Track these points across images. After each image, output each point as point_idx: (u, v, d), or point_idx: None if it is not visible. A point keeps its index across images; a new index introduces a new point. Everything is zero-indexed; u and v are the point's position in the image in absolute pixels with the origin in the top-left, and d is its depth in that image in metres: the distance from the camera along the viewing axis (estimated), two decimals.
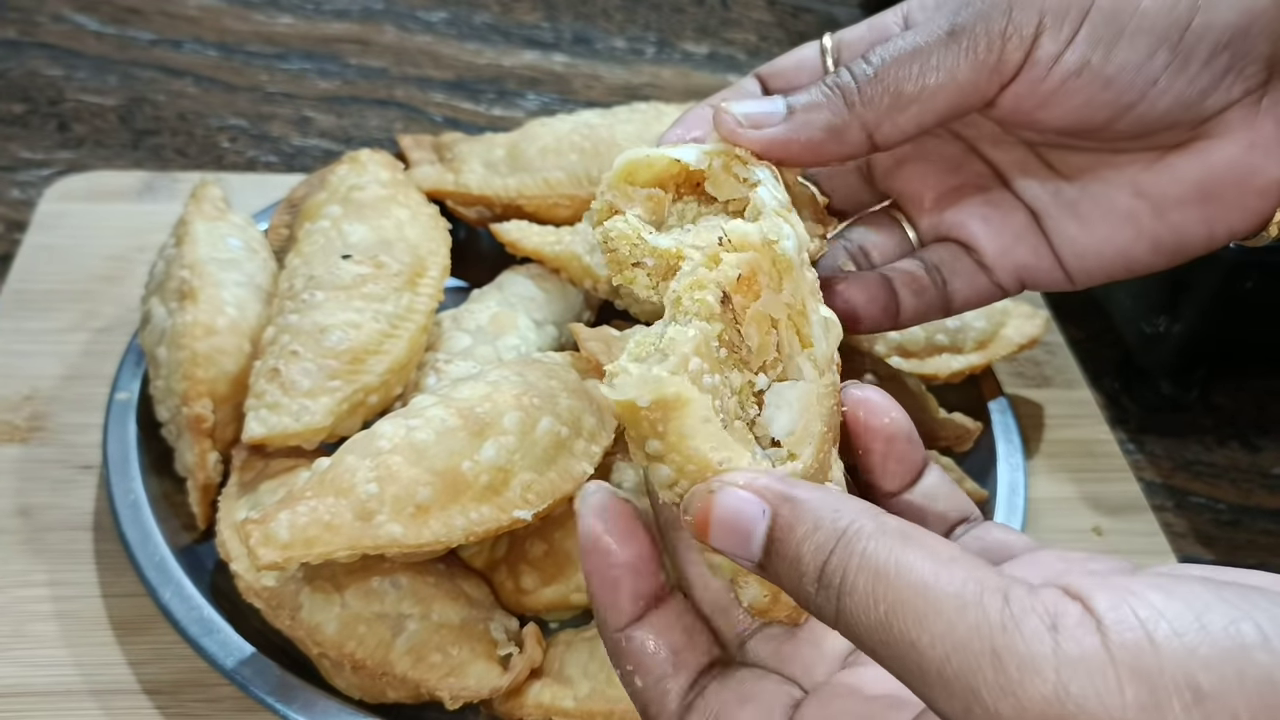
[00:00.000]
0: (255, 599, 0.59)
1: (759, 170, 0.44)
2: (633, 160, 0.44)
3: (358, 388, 0.64)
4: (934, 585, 0.30)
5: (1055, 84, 0.45)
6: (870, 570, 0.31)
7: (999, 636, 0.28)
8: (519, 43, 1.19)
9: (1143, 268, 0.51)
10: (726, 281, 0.39)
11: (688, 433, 0.36)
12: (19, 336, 0.81)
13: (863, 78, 0.46)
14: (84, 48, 1.11)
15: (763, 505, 0.34)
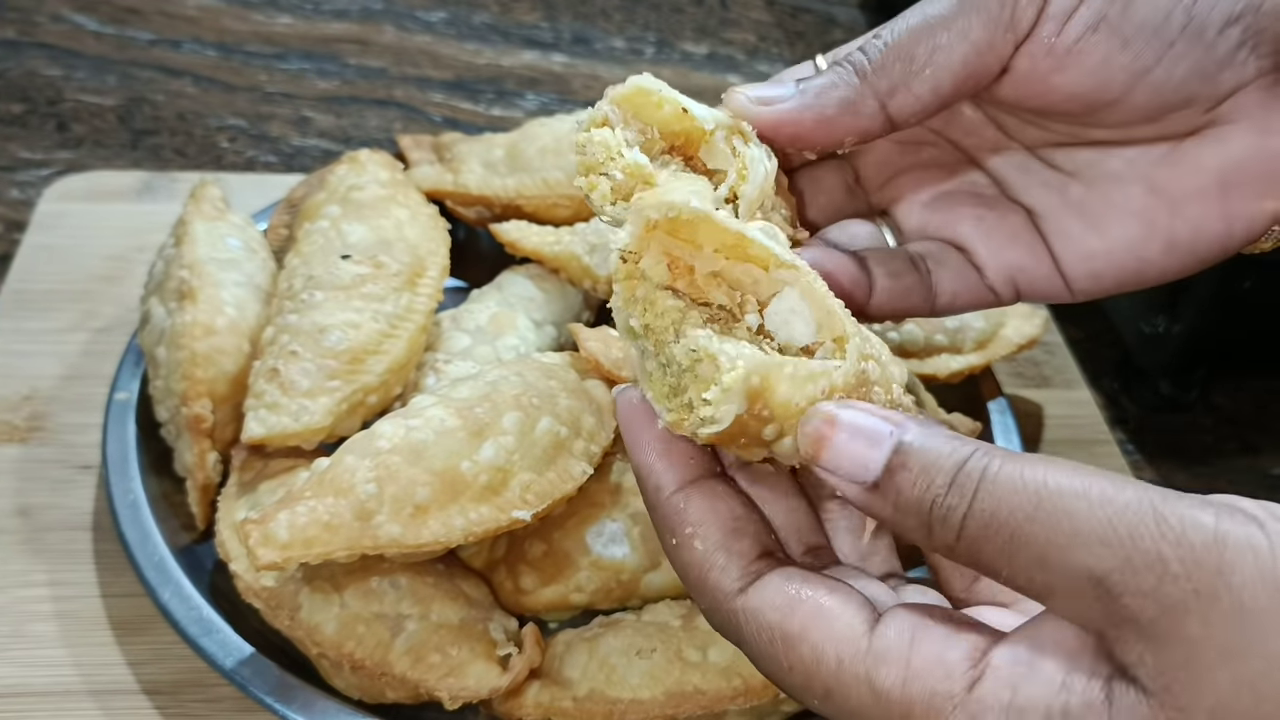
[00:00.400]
0: (254, 599, 0.59)
1: (754, 148, 0.43)
2: (644, 87, 0.43)
3: (357, 388, 0.64)
4: (1083, 491, 0.32)
5: (1070, 40, 0.44)
6: (1005, 480, 0.33)
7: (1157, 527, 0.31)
8: (518, 43, 1.19)
9: (1155, 272, 0.48)
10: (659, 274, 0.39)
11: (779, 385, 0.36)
12: (18, 336, 0.81)
13: (873, 50, 0.44)
14: (83, 48, 1.11)
15: (890, 427, 0.35)
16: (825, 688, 0.36)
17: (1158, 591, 0.31)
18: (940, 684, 0.34)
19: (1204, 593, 0.30)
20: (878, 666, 0.35)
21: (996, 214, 0.51)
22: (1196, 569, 0.30)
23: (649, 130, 0.43)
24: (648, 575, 0.63)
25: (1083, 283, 0.50)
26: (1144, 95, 0.45)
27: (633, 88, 0.43)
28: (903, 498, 0.35)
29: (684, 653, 0.57)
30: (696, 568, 0.40)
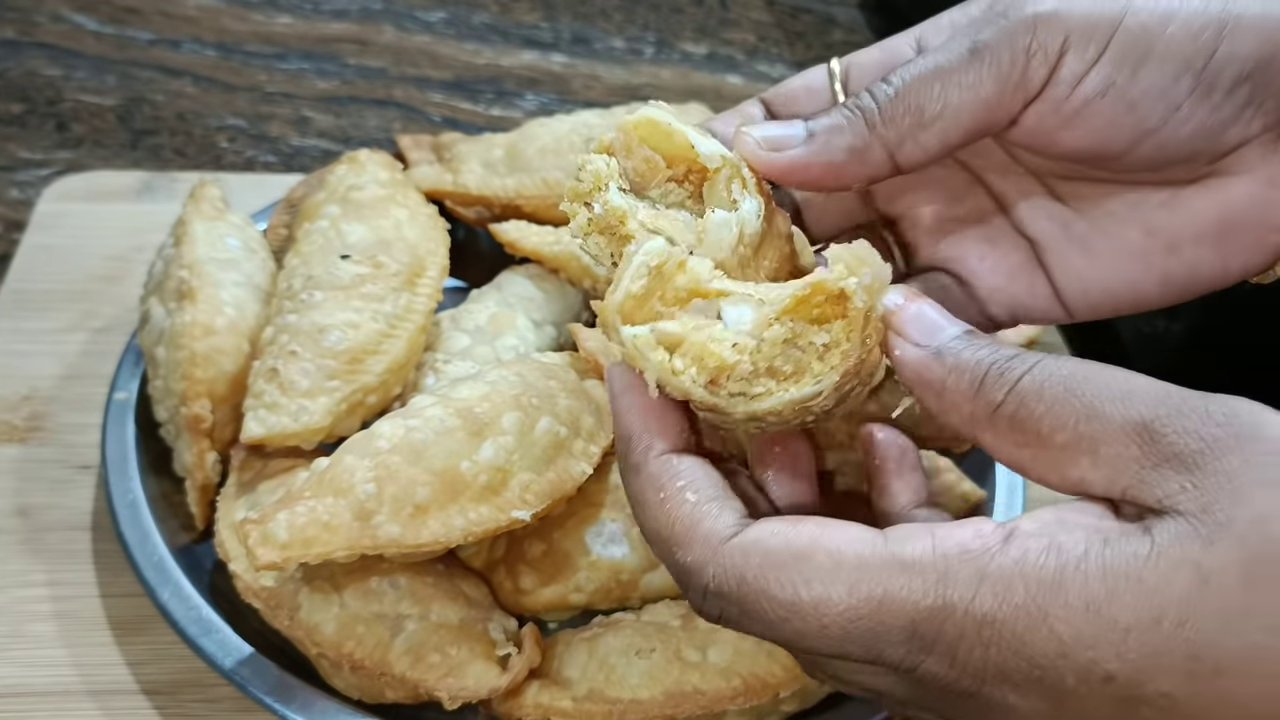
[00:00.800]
0: (254, 599, 0.59)
1: (748, 202, 0.44)
2: (654, 119, 0.44)
3: (356, 388, 0.64)
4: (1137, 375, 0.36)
5: (1079, 103, 0.45)
6: (1067, 358, 0.37)
7: None
8: (518, 43, 1.19)
9: (1151, 303, 0.50)
10: None
11: None
12: (18, 336, 0.81)
13: (884, 98, 0.45)
14: (82, 47, 1.11)
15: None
16: (849, 585, 0.36)
17: (1202, 430, 0.35)
18: (973, 542, 0.36)
19: (1244, 435, 0.35)
20: (903, 546, 0.36)
21: (1001, 250, 0.52)
22: (1237, 420, 0.35)
23: (653, 157, 0.44)
24: (647, 575, 0.63)
25: (1081, 311, 0.51)
26: (1148, 150, 0.46)
27: (641, 119, 0.44)
28: (963, 359, 0.39)
29: (683, 653, 0.57)
30: (686, 519, 0.40)
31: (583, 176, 0.43)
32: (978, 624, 0.35)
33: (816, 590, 0.37)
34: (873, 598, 0.36)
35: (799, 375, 0.40)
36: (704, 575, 0.39)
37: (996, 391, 0.38)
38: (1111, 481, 0.36)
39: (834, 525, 0.38)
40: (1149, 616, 0.34)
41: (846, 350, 0.40)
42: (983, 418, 0.38)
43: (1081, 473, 0.37)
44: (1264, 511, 0.34)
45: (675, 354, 0.40)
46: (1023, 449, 0.38)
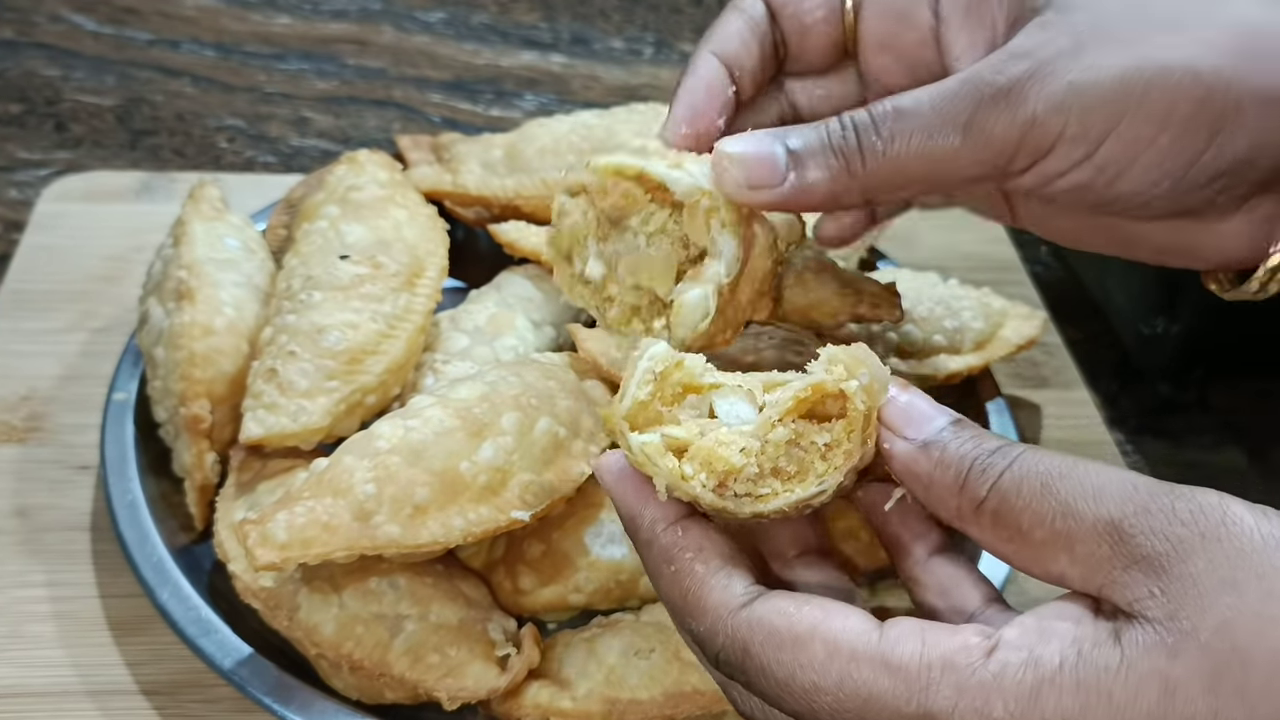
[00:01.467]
0: (253, 600, 0.59)
1: (725, 241, 0.45)
2: (623, 166, 0.45)
3: (355, 388, 0.64)
4: (1109, 468, 0.38)
5: (1053, 192, 0.46)
6: (1043, 453, 0.39)
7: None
8: (517, 43, 1.19)
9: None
10: None
11: None
12: (17, 337, 0.81)
13: (871, 151, 0.45)
14: (81, 48, 1.11)
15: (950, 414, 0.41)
16: (839, 678, 0.37)
17: (1167, 530, 0.35)
18: (958, 655, 0.37)
19: (1209, 536, 0.35)
20: (893, 648, 0.37)
21: None
22: (1203, 517, 0.35)
23: (630, 189, 0.46)
24: (646, 576, 0.63)
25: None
26: (1112, 219, 0.49)
27: (612, 166, 0.45)
28: (948, 453, 0.40)
29: (682, 653, 0.57)
30: (697, 589, 0.41)
31: (560, 226, 0.44)
32: None
33: (810, 677, 0.38)
34: (859, 695, 0.37)
35: (803, 475, 0.41)
36: (715, 644, 0.41)
37: (980, 488, 0.39)
38: (1087, 579, 0.37)
39: (836, 611, 0.39)
40: None
41: (849, 450, 0.41)
42: (968, 513, 0.40)
43: (1061, 569, 0.38)
44: (1227, 617, 0.34)
45: (683, 459, 0.41)
46: (1006, 543, 0.39)
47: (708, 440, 0.41)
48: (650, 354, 0.42)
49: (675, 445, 0.41)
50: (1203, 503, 0.36)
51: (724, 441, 0.41)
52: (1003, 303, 0.80)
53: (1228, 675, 0.34)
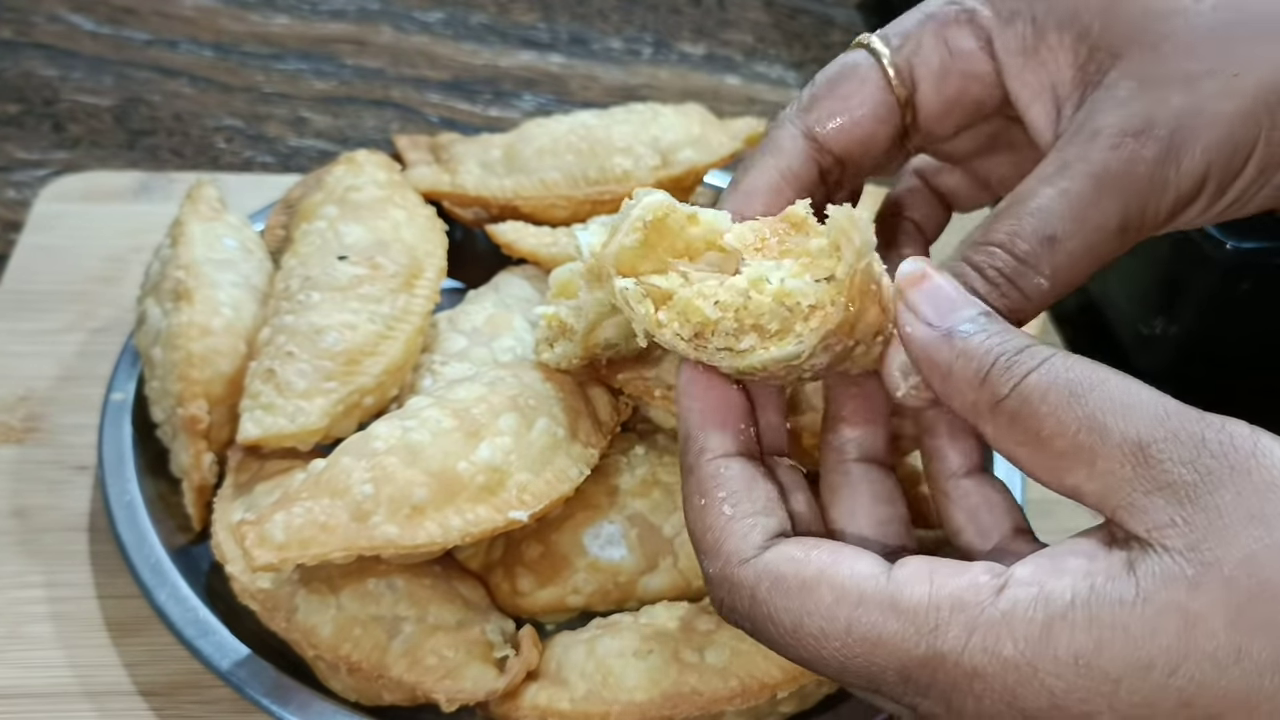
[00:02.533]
0: (250, 601, 0.59)
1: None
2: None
3: (353, 389, 0.64)
4: (1144, 388, 0.37)
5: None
6: (1076, 359, 0.38)
7: None
8: (515, 43, 1.19)
9: None
10: None
11: None
12: (14, 337, 0.81)
13: (1035, 290, 0.43)
14: (79, 48, 1.11)
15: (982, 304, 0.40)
16: (846, 623, 0.37)
17: (1196, 461, 0.35)
18: (967, 593, 0.36)
19: (1238, 469, 0.34)
20: (901, 590, 0.37)
21: None
22: (1234, 450, 0.35)
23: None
24: (645, 577, 0.63)
25: None
26: None
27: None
28: (972, 345, 0.39)
29: (681, 654, 0.57)
30: (718, 531, 0.41)
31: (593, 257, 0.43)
32: (969, 676, 0.36)
33: (817, 623, 0.38)
34: (867, 639, 0.37)
35: (783, 334, 0.41)
36: (721, 589, 0.40)
37: (1002, 385, 0.38)
38: (1104, 498, 0.36)
39: (845, 555, 0.38)
40: (1138, 666, 0.34)
41: (829, 313, 0.40)
42: (985, 409, 0.38)
43: (1077, 482, 0.37)
44: (1252, 551, 0.33)
45: (661, 308, 0.41)
46: (1021, 446, 0.38)
47: (686, 292, 0.41)
48: (645, 203, 0.42)
49: (657, 295, 0.42)
50: (1234, 433, 0.35)
51: (703, 294, 0.41)
52: None
53: (1252, 610, 0.33)
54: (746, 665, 0.56)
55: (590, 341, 0.57)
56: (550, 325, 0.59)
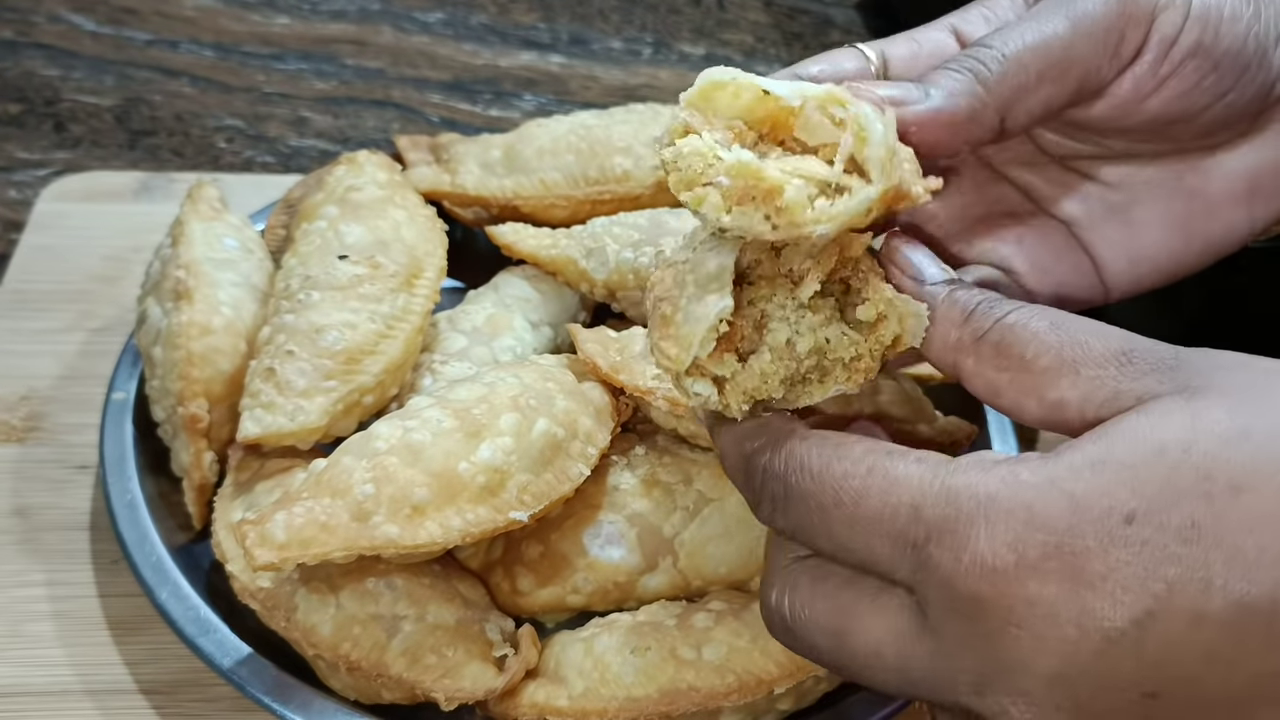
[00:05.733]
0: (250, 600, 0.59)
1: (860, 106, 0.40)
2: (715, 80, 0.40)
3: (353, 388, 0.64)
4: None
5: (1172, 66, 0.46)
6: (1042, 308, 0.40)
7: None
8: (516, 44, 1.19)
9: (1188, 271, 0.51)
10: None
11: None
12: (16, 336, 0.81)
13: (993, 61, 0.45)
14: (80, 48, 1.11)
15: None
16: (869, 466, 0.39)
17: (1177, 356, 0.37)
18: (986, 454, 0.39)
19: (1215, 357, 0.37)
20: (927, 453, 0.39)
21: (1037, 233, 0.52)
22: (1213, 354, 0.38)
23: (733, 123, 0.41)
24: (644, 577, 0.63)
25: (1123, 286, 0.52)
26: (1217, 113, 0.47)
27: (706, 82, 0.40)
28: (955, 294, 0.42)
29: (678, 651, 0.57)
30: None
31: (682, 165, 0.39)
32: (983, 502, 0.36)
33: (844, 466, 0.40)
34: (888, 476, 0.39)
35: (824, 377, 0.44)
36: (761, 457, 0.42)
37: (984, 320, 0.40)
38: (1087, 399, 0.38)
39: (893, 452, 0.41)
40: (1152, 450, 0.35)
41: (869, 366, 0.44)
42: (968, 343, 0.41)
43: (1061, 393, 0.38)
44: (1235, 366, 0.37)
45: (724, 390, 0.43)
46: (1004, 372, 0.40)
47: (744, 376, 0.43)
48: (719, 309, 0.41)
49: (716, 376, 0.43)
50: (1209, 350, 0.38)
51: (765, 375, 0.43)
52: None
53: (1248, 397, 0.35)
54: (744, 662, 0.56)
55: None
56: None
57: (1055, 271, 0.51)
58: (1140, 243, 0.50)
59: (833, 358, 0.44)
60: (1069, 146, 0.51)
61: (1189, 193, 0.50)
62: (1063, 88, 0.45)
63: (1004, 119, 0.46)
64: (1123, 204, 0.50)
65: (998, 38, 0.45)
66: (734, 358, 0.43)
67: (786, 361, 0.43)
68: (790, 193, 0.38)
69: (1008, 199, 0.53)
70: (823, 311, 0.43)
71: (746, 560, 0.64)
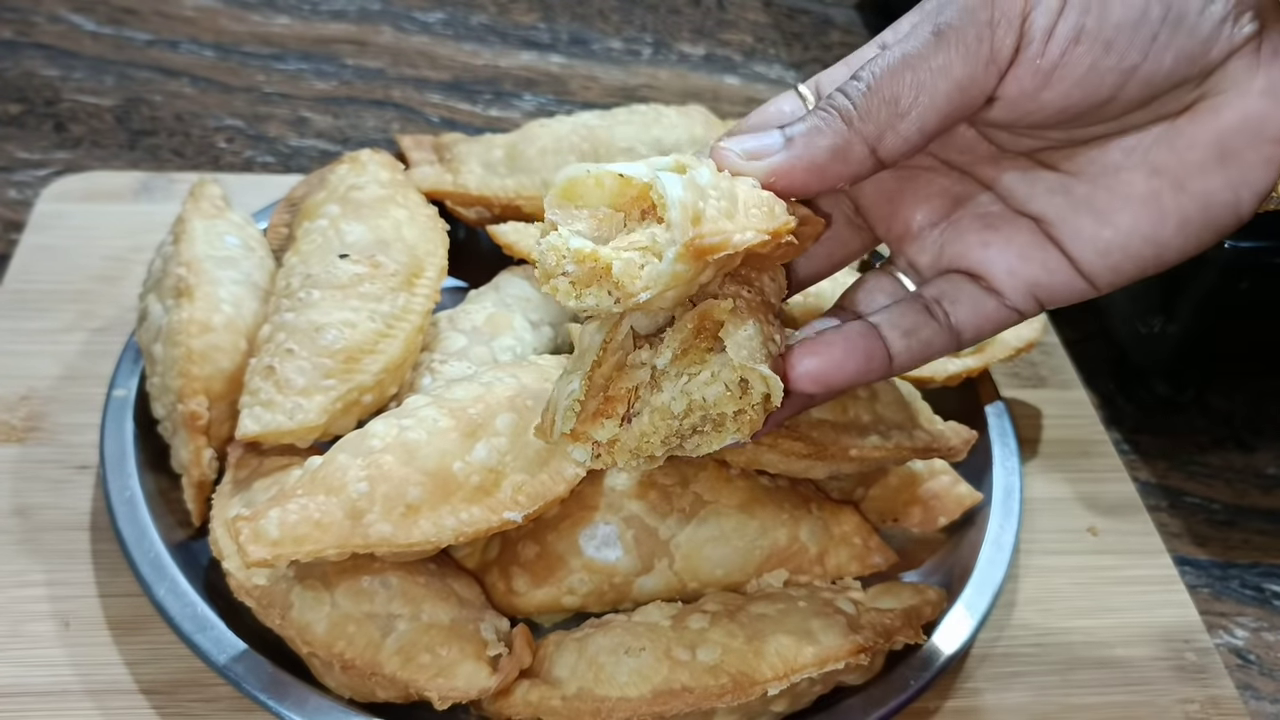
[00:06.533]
0: (246, 598, 0.59)
1: (698, 169, 0.44)
2: (572, 178, 0.44)
3: (352, 387, 0.65)
4: None
5: (1055, 57, 0.44)
6: None
7: None
8: (516, 44, 1.19)
9: (1174, 254, 0.49)
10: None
11: None
12: (16, 337, 0.81)
13: (857, 94, 0.45)
14: (80, 48, 1.11)
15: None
16: None
17: None
18: None
19: None
20: None
21: (1004, 235, 0.51)
22: None
23: (601, 211, 0.44)
24: (640, 579, 0.63)
25: (1103, 278, 0.50)
26: (1135, 90, 0.45)
27: (564, 181, 0.44)
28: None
29: (672, 651, 0.57)
30: None
31: (543, 259, 0.43)
32: None
33: None
34: None
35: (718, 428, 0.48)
36: None
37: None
38: None
39: None
40: None
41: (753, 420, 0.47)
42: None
43: None
44: None
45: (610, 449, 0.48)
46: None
47: (626, 437, 0.47)
48: (569, 393, 0.47)
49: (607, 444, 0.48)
50: None
51: (647, 436, 0.47)
52: None
53: None
54: (738, 663, 0.56)
55: None
56: None
57: (1023, 272, 0.50)
58: (1110, 232, 0.49)
59: (717, 413, 0.46)
60: (1027, 143, 0.50)
61: (1152, 170, 0.48)
62: (934, 108, 0.45)
63: (876, 151, 0.45)
64: (1087, 193, 0.49)
65: (868, 67, 0.45)
66: (615, 422, 0.47)
67: (668, 421, 0.46)
68: (618, 267, 0.42)
69: (976, 200, 0.52)
70: (711, 367, 0.46)
71: (743, 563, 0.64)
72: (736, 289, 0.47)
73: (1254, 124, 0.46)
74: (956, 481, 0.71)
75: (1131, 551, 0.75)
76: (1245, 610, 0.76)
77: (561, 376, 0.48)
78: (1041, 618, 0.71)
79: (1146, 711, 0.66)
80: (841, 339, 0.49)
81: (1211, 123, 0.46)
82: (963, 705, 0.66)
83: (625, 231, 0.44)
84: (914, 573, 0.70)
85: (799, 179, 0.46)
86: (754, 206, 0.45)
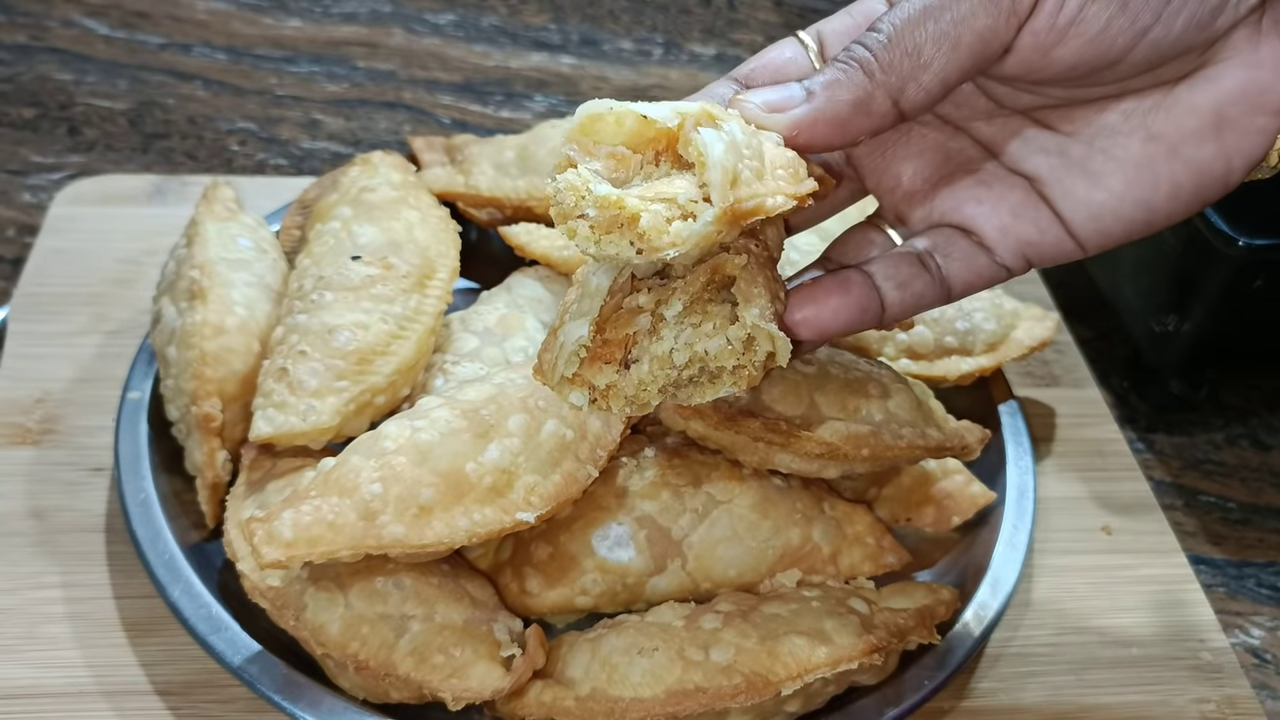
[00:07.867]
0: (260, 599, 0.60)
1: (730, 124, 0.43)
2: (593, 113, 0.43)
3: (365, 388, 0.65)
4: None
5: (1073, 11, 0.44)
6: None
7: None
8: (526, 45, 1.19)
9: (1163, 220, 0.49)
10: None
11: None
12: (31, 340, 0.81)
13: (877, 45, 0.45)
14: (94, 52, 1.12)
15: None
16: None
17: None
18: None
19: None
20: None
21: (997, 191, 0.51)
22: None
23: (619, 150, 0.43)
24: (653, 579, 0.63)
25: (1093, 240, 0.50)
26: (1143, 52, 0.45)
27: (585, 116, 0.43)
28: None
29: (686, 652, 0.57)
30: None
31: (560, 199, 0.42)
32: None
33: None
34: None
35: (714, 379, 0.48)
36: None
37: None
38: None
39: None
40: None
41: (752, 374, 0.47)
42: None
43: None
44: None
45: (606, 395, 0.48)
46: None
47: (624, 383, 0.47)
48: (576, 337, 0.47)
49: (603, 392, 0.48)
50: None
51: (644, 384, 0.47)
52: (1015, 304, 0.79)
53: None
54: (751, 663, 0.56)
55: None
56: None
57: (1014, 230, 0.50)
58: (1102, 195, 0.49)
59: (716, 365, 0.47)
60: (1026, 100, 0.50)
61: (1148, 135, 0.48)
62: (956, 59, 0.44)
63: (898, 103, 0.45)
64: (1082, 154, 0.49)
65: (886, 18, 0.45)
66: (613, 368, 0.47)
67: (667, 371, 0.47)
68: (646, 220, 0.41)
69: (970, 156, 0.52)
70: (715, 319, 0.46)
71: (756, 563, 0.63)
72: (745, 242, 0.47)
73: (1252, 94, 0.46)
74: (970, 481, 0.70)
75: (1146, 551, 0.75)
76: (1261, 609, 0.76)
77: (569, 311, 0.47)
78: (1056, 617, 0.71)
79: (1162, 711, 0.66)
80: (838, 287, 0.49)
81: (1211, 91, 0.47)
82: (977, 705, 0.66)
83: (642, 176, 0.43)
84: (927, 572, 0.70)
85: (821, 132, 0.45)
86: (780, 167, 0.44)
